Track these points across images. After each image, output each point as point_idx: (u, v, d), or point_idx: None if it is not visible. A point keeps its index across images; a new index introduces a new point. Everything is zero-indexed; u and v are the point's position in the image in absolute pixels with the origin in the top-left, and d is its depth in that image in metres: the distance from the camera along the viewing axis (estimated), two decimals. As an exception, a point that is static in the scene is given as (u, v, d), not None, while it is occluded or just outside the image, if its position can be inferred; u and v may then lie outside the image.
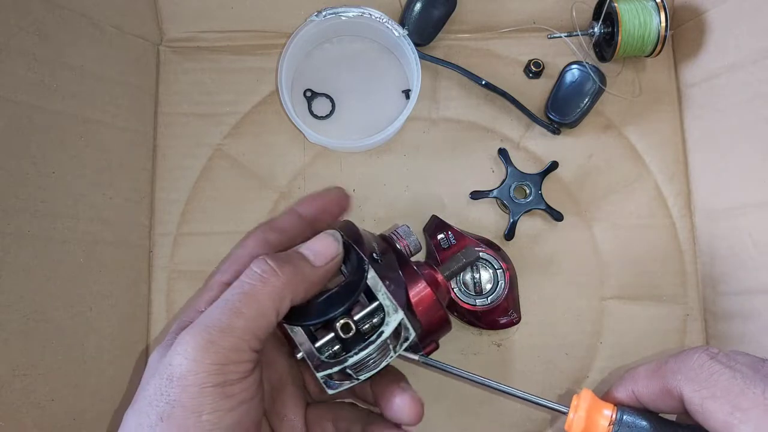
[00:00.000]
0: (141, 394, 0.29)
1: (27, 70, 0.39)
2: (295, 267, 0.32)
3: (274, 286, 0.31)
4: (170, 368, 0.28)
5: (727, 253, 0.46)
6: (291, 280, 0.32)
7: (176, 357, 0.28)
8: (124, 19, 0.47)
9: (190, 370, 0.28)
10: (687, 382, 0.30)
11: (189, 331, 0.29)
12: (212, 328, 0.29)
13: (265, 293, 0.31)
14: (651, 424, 0.31)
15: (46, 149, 0.40)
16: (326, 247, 0.34)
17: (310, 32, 0.49)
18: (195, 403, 0.28)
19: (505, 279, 0.42)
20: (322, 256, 0.34)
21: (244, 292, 0.31)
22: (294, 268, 0.32)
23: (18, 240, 0.37)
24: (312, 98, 0.50)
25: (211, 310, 0.30)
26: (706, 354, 0.30)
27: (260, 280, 0.31)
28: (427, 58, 0.49)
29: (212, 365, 0.28)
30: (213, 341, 0.28)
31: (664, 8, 0.46)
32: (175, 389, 0.28)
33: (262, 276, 0.31)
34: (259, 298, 0.30)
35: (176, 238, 0.49)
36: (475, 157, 0.50)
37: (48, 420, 0.38)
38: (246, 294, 0.30)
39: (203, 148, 0.50)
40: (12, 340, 0.36)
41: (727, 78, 0.46)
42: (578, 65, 0.47)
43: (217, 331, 0.29)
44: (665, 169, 0.50)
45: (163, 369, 0.28)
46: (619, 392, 0.33)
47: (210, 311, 0.30)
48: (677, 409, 0.31)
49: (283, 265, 0.32)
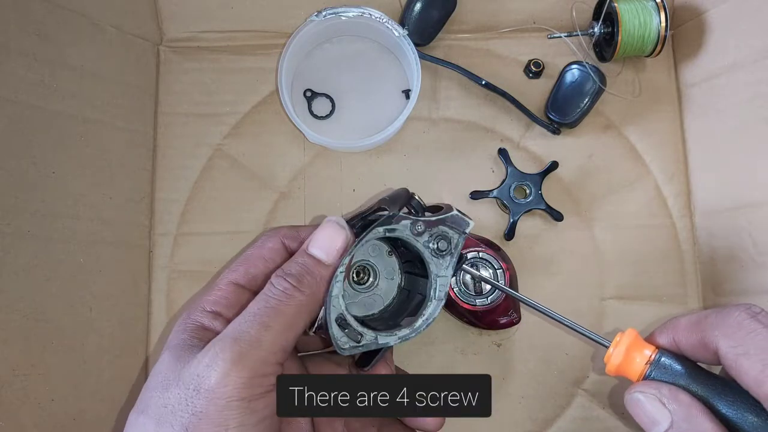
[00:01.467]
0: (158, 401, 0.29)
1: (27, 70, 0.39)
2: (312, 276, 0.33)
3: (299, 301, 0.32)
4: (198, 379, 0.28)
5: (727, 253, 0.46)
6: (313, 292, 0.33)
7: (205, 369, 0.28)
8: (124, 19, 0.47)
9: (219, 382, 0.28)
10: (724, 337, 0.30)
11: (218, 344, 0.29)
12: (242, 341, 0.29)
13: (291, 307, 0.31)
14: (686, 370, 0.31)
15: (46, 149, 0.40)
16: (333, 239, 0.34)
17: (310, 32, 0.49)
18: (222, 417, 0.28)
19: (505, 279, 0.42)
20: (333, 250, 0.34)
21: (270, 307, 0.31)
22: (311, 278, 0.33)
23: (18, 240, 0.38)
24: (312, 98, 0.50)
25: (239, 324, 0.30)
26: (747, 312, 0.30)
27: (284, 296, 0.32)
28: (427, 58, 0.49)
29: (241, 379, 0.28)
30: (243, 354, 0.29)
31: (664, 8, 0.46)
32: (201, 401, 0.28)
33: (285, 293, 0.32)
34: (286, 311, 0.31)
35: (176, 238, 0.49)
36: (475, 157, 0.50)
37: (48, 420, 0.38)
38: (272, 309, 0.31)
39: (203, 148, 0.50)
40: (12, 340, 0.37)
41: (727, 78, 0.46)
42: (578, 65, 0.47)
43: (247, 345, 0.29)
44: (665, 169, 0.50)
45: (189, 379, 0.28)
46: (661, 338, 0.33)
47: (238, 324, 0.30)
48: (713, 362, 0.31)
49: (301, 280, 0.32)
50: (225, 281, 0.34)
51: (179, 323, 0.33)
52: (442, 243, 0.37)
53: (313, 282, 0.33)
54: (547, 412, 0.47)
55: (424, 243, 0.36)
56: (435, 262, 0.37)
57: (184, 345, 0.31)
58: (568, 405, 0.47)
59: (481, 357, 0.47)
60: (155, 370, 0.31)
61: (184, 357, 0.30)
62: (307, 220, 0.49)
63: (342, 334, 0.33)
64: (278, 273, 0.33)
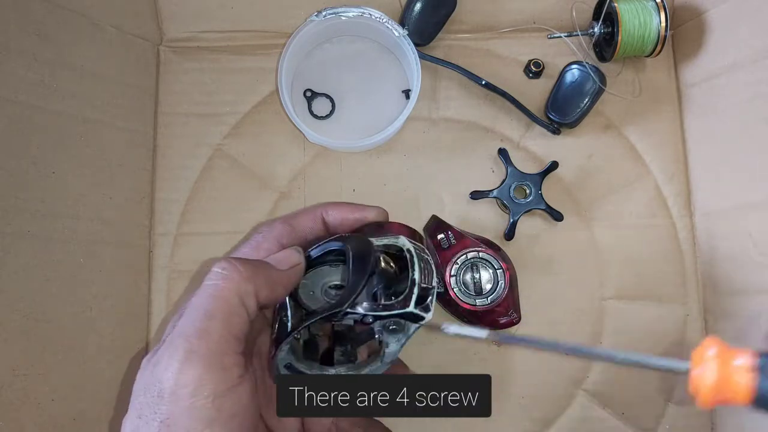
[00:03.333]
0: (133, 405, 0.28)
1: (27, 70, 0.39)
2: (255, 265, 0.32)
3: (236, 281, 0.30)
4: (158, 384, 0.27)
5: (727, 253, 0.46)
6: (252, 275, 0.31)
7: (162, 371, 0.27)
8: (124, 19, 0.47)
9: (176, 383, 0.27)
10: None
11: (168, 344, 0.28)
12: (189, 336, 0.28)
13: (229, 290, 0.30)
14: None
15: (46, 149, 0.40)
16: (288, 256, 0.34)
17: (310, 32, 0.49)
18: (189, 420, 0.27)
19: (505, 279, 0.42)
20: (285, 261, 0.34)
21: (209, 294, 0.30)
22: (254, 266, 0.32)
23: (18, 240, 0.38)
24: (312, 98, 0.50)
25: (183, 319, 0.29)
26: None
27: (222, 278, 0.30)
28: (427, 58, 0.49)
29: (197, 374, 0.27)
30: (192, 350, 0.28)
31: (664, 8, 0.46)
32: (166, 406, 0.27)
33: (223, 273, 0.30)
34: (225, 295, 0.30)
35: (176, 238, 0.49)
36: (475, 157, 0.50)
37: (48, 420, 0.38)
38: (211, 295, 0.30)
39: (203, 148, 0.50)
40: (12, 340, 0.37)
41: (727, 78, 0.46)
42: (578, 65, 0.47)
43: (195, 339, 0.28)
44: (665, 169, 0.50)
45: (151, 385, 0.28)
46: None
47: (182, 322, 0.29)
48: None
49: (243, 262, 0.31)
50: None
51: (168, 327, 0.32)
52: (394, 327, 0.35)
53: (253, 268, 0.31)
54: (547, 412, 0.47)
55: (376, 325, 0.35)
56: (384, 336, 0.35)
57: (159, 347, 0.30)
58: (568, 405, 0.47)
59: (481, 357, 0.47)
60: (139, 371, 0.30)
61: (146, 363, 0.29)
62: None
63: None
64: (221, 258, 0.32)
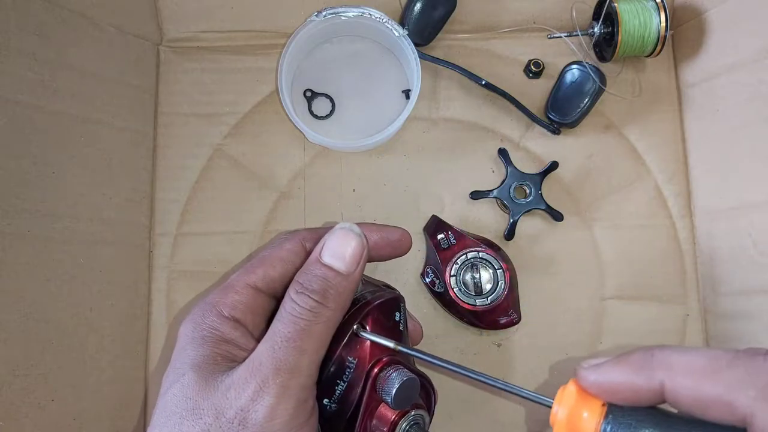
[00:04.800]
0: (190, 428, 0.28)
1: (27, 70, 0.39)
2: (336, 291, 0.31)
3: (327, 317, 0.30)
4: (243, 413, 0.27)
5: (727, 254, 0.46)
6: (338, 306, 0.31)
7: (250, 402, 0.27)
8: (124, 19, 0.47)
9: (267, 417, 0.27)
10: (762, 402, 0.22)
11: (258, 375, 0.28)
12: (283, 371, 0.28)
13: (320, 325, 0.30)
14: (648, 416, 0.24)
15: (46, 149, 0.40)
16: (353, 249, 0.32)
17: (310, 32, 0.49)
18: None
19: (505, 279, 0.42)
20: (351, 259, 0.32)
21: (301, 329, 0.30)
22: (335, 292, 0.31)
23: (18, 240, 0.37)
24: (312, 98, 0.50)
25: (274, 350, 0.29)
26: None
27: (312, 315, 0.30)
28: (427, 58, 0.49)
29: (288, 411, 0.28)
30: (286, 386, 0.28)
31: (664, 8, 0.46)
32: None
33: (313, 312, 0.30)
34: (316, 331, 0.30)
35: (176, 238, 0.49)
36: (475, 157, 0.50)
37: (48, 420, 0.38)
38: (304, 331, 0.30)
39: (203, 148, 0.50)
40: (12, 340, 0.36)
41: (728, 78, 0.46)
42: (578, 65, 0.47)
43: (288, 374, 0.28)
44: (665, 169, 0.50)
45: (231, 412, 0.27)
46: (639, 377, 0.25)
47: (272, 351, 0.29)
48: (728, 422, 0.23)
49: (326, 296, 0.31)
50: (242, 283, 0.32)
51: (194, 328, 0.31)
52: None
53: (337, 296, 0.31)
54: (547, 413, 0.47)
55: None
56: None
57: (209, 364, 0.29)
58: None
59: (481, 357, 0.47)
60: (180, 393, 0.29)
61: (213, 381, 0.29)
62: (307, 220, 0.49)
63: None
64: (299, 289, 0.31)
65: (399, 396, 0.31)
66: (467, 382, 0.47)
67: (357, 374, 0.32)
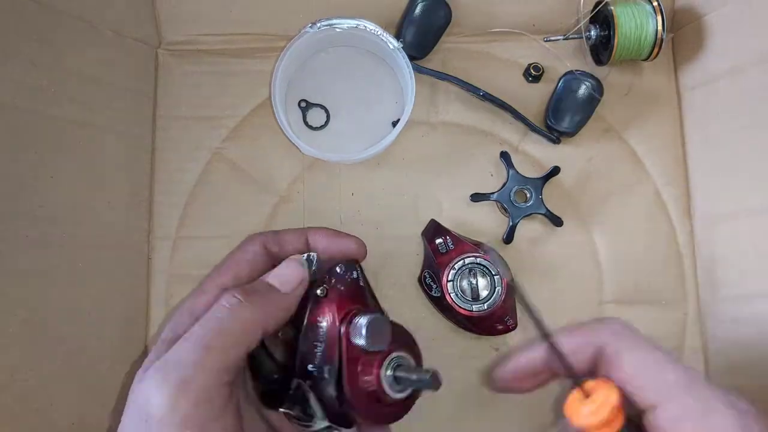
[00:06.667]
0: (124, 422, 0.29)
1: (25, 74, 0.39)
2: (263, 297, 0.32)
3: (245, 319, 0.31)
4: (146, 407, 0.28)
5: (726, 258, 0.46)
6: (260, 310, 0.32)
7: (151, 397, 0.28)
8: (123, 23, 0.47)
9: (166, 412, 0.28)
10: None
11: (160, 369, 0.29)
12: (185, 366, 0.29)
13: (235, 326, 0.31)
14: None
15: (45, 154, 0.40)
16: (292, 273, 0.34)
17: (304, 43, 0.48)
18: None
19: (501, 285, 0.42)
20: (289, 282, 0.34)
21: (213, 328, 0.30)
22: (262, 298, 0.32)
23: (17, 245, 0.38)
24: (307, 109, 0.50)
25: (181, 346, 0.30)
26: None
27: (229, 313, 0.31)
28: (423, 71, 0.48)
29: (188, 405, 0.28)
30: (187, 380, 0.28)
31: (661, 11, 0.45)
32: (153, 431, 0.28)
33: (231, 309, 0.31)
34: (230, 331, 0.30)
35: (175, 242, 0.49)
36: (474, 161, 0.50)
37: (47, 425, 0.38)
38: (215, 329, 0.30)
39: (202, 152, 0.50)
40: (11, 345, 0.37)
41: (728, 81, 0.46)
42: (575, 74, 0.47)
43: (191, 369, 0.29)
44: (665, 173, 0.50)
45: (140, 409, 0.28)
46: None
47: (180, 347, 0.30)
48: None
49: (251, 296, 0.32)
50: (213, 285, 0.34)
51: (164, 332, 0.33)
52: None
53: (262, 302, 0.32)
54: (546, 416, 0.47)
55: None
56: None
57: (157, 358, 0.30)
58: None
59: (479, 361, 0.47)
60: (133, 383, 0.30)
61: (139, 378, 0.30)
62: (306, 224, 0.49)
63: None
64: (229, 291, 0.32)
65: (370, 336, 0.32)
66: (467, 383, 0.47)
67: (330, 332, 0.33)
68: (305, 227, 0.40)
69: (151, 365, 0.30)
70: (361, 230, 0.48)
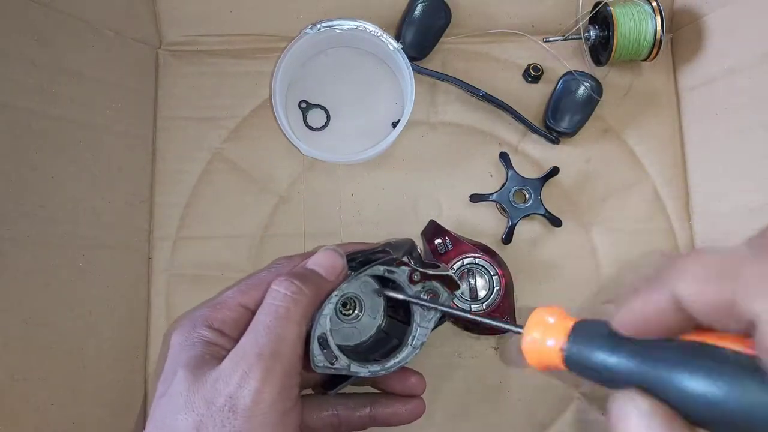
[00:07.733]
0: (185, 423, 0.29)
1: (26, 75, 0.39)
2: (315, 284, 0.34)
3: (304, 305, 0.32)
4: (231, 400, 0.29)
5: (725, 258, 0.46)
6: (314, 297, 0.33)
7: (237, 388, 0.29)
8: (123, 24, 0.48)
9: (254, 400, 0.29)
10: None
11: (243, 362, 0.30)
12: (265, 356, 0.30)
13: (297, 314, 0.32)
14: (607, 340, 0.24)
15: (46, 154, 0.40)
16: (334, 262, 0.35)
17: (304, 44, 0.48)
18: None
19: (500, 285, 0.42)
20: (333, 270, 0.35)
21: (280, 316, 0.31)
22: (314, 286, 0.33)
23: (17, 244, 0.38)
24: (307, 110, 0.50)
25: (256, 338, 0.31)
26: None
27: (292, 301, 0.32)
28: (423, 72, 0.49)
29: (272, 395, 0.29)
30: (270, 370, 0.29)
31: (660, 12, 0.45)
32: (239, 421, 0.29)
33: (293, 297, 0.32)
34: (294, 319, 0.32)
35: (175, 242, 0.49)
36: (474, 162, 0.50)
37: (47, 424, 0.38)
38: (282, 318, 0.31)
39: (202, 152, 0.50)
40: (11, 345, 0.37)
41: (726, 81, 0.46)
42: (574, 75, 0.47)
43: (271, 359, 0.30)
44: (664, 173, 0.50)
45: (220, 400, 0.29)
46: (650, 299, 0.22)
47: (254, 339, 0.31)
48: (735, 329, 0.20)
49: (306, 283, 0.33)
50: (235, 302, 0.34)
51: (184, 336, 0.33)
52: (432, 298, 0.38)
53: (315, 287, 0.33)
54: (545, 416, 0.47)
55: (416, 292, 0.37)
56: (420, 313, 0.37)
57: (198, 363, 0.31)
58: (566, 408, 0.47)
59: (479, 360, 0.47)
60: (173, 391, 0.30)
61: (202, 376, 0.30)
62: (306, 224, 0.49)
63: (320, 352, 0.34)
64: (280, 278, 0.33)
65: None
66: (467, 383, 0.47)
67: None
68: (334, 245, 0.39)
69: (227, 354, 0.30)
70: (361, 230, 0.49)
